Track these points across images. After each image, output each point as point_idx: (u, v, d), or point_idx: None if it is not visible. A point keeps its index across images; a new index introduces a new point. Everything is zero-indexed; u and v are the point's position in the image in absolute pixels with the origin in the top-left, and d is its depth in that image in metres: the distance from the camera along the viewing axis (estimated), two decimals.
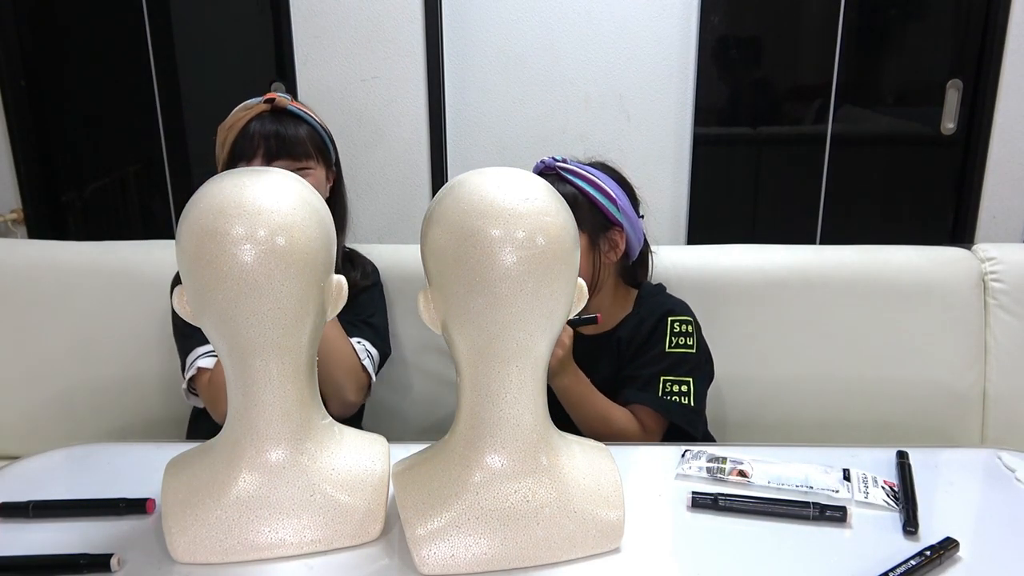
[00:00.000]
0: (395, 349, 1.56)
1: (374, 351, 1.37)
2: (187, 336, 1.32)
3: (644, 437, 1.28)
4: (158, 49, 2.18)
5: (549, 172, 1.34)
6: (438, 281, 0.83)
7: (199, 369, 1.27)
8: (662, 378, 1.30)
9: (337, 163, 1.42)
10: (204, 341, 1.28)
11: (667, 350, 1.31)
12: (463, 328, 0.82)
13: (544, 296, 0.80)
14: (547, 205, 0.81)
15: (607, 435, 1.21)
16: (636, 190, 1.40)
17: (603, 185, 1.31)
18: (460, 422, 0.86)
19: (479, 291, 0.79)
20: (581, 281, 0.88)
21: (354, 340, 1.34)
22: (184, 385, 1.31)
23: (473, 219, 0.78)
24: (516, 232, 0.78)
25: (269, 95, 1.33)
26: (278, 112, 1.32)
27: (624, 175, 1.39)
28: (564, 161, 1.34)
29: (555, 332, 0.85)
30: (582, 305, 0.88)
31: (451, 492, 0.84)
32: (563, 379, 1.27)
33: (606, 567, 0.85)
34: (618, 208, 1.32)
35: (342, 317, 0.91)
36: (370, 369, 1.34)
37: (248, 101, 1.34)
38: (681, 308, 1.36)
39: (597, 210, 1.31)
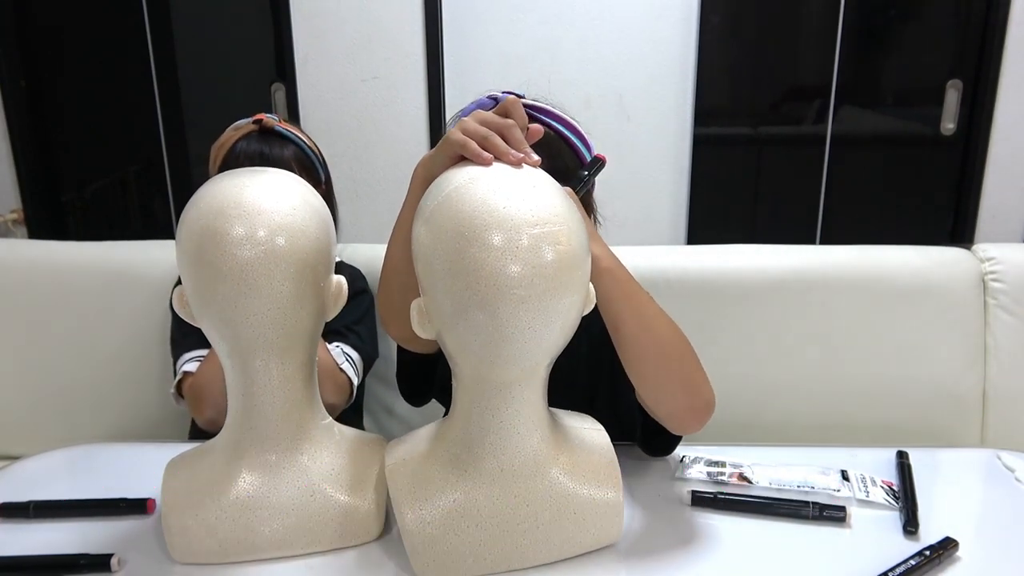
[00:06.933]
0: (393, 349, 1.56)
1: (354, 354, 1.36)
2: (178, 343, 1.33)
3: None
4: (158, 49, 2.18)
5: None
6: (431, 292, 0.77)
7: (185, 373, 1.27)
8: None
9: (328, 180, 1.42)
10: (193, 347, 1.29)
11: None
12: (460, 343, 0.78)
13: (551, 311, 0.74)
14: (555, 208, 0.75)
15: (682, 352, 0.93)
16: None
17: (575, 124, 1.11)
18: (457, 423, 0.84)
19: (477, 307, 0.72)
20: (591, 286, 0.82)
21: (331, 345, 1.33)
22: (172, 389, 1.31)
23: (471, 226, 0.72)
24: (520, 240, 0.71)
25: (258, 116, 1.34)
26: (265, 132, 1.34)
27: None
28: (523, 97, 1.09)
29: (564, 344, 0.79)
30: (589, 308, 0.82)
31: (449, 492, 0.83)
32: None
33: (606, 566, 0.85)
34: (589, 150, 1.12)
35: (326, 324, 0.91)
36: (349, 372, 1.33)
37: (239, 121, 1.36)
38: None
39: (574, 155, 1.09)
